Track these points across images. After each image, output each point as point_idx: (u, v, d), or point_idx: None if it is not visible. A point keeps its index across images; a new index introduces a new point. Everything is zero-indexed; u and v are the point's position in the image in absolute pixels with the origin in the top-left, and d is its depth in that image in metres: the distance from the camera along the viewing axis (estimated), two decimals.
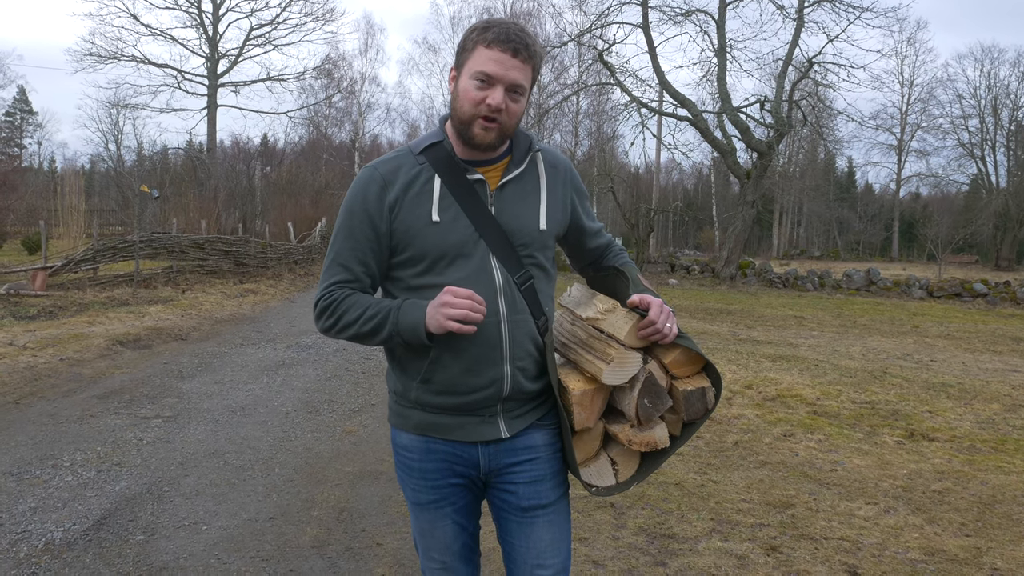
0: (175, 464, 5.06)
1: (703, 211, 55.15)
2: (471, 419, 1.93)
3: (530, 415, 1.98)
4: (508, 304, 1.89)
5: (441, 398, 1.92)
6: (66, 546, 3.75)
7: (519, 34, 1.84)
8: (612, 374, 1.83)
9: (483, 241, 1.89)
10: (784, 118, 25.88)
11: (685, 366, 1.93)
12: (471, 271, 1.88)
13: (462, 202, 1.90)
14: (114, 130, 48.03)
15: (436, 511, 2.01)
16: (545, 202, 1.99)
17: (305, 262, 23.47)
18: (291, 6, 41.68)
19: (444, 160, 1.92)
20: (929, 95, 52.04)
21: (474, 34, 1.86)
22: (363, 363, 9.03)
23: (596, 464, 1.99)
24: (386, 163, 1.95)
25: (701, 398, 1.92)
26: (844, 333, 13.69)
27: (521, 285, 1.92)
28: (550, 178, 2.02)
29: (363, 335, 1.88)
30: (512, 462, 1.97)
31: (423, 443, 1.98)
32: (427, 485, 2.00)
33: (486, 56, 1.82)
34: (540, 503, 1.98)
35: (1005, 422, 6.87)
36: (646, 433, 1.92)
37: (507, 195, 1.94)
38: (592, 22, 26.89)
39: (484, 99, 1.83)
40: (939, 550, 3.97)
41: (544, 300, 1.97)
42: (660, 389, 1.88)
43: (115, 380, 7.52)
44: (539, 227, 1.96)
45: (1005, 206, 42.92)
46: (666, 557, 3.80)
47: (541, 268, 1.98)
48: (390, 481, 4.86)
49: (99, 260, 15.24)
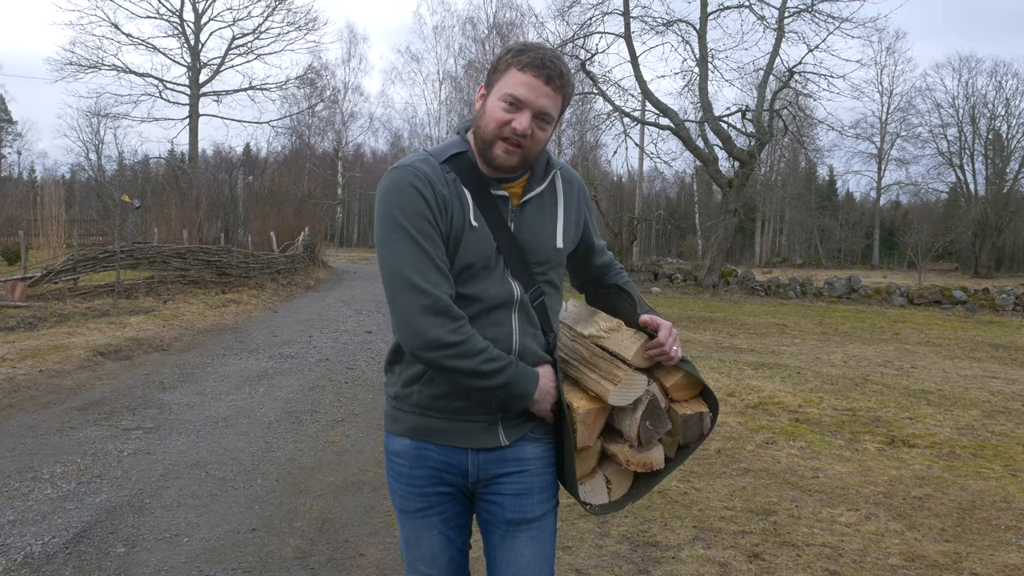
0: (156, 476, 5.02)
1: (686, 220, 55.44)
2: (471, 425, 1.93)
3: (525, 425, 1.97)
4: (521, 320, 1.90)
5: (444, 401, 1.91)
6: (45, 559, 3.71)
7: (555, 61, 1.83)
8: (619, 395, 1.83)
9: (502, 256, 1.89)
10: (765, 127, 26.08)
11: (684, 390, 1.96)
12: (492, 283, 1.88)
13: (486, 215, 1.89)
14: (95, 140, 47.91)
15: (423, 520, 2.00)
16: (562, 220, 1.99)
17: (288, 272, 23.35)
18: (273, 16, 41.41)
19: (470, 172, 1.90)
20: (908, 104, 52.58)
21: (509, 55, 1.85)
22: (346, 373, 9.00)
23: (592, 482, 2.00)
24: (419, 162, 1.87)
25: (699, 423, 1.94)
26: (826, 341, 13.79)
27: (534, 301, 1.93)
28: (567, 195, 2.02)
29: (480, 373, 1.78)
30: (500, 473, 1.96)
31: (415, 449, 1.97)
32: (415, 492, 1.99)
33: (518, 79, 1.82)
34: (525, 517, 1.97)
35: (984, 428, 6.94)
36: (644, 454, 1.92)
37: (527, 212, 1.94)
38: (575, 32, 26.98)
39: (510, 122, 1.82)
40: (919, 556, 4.00)
41: (553, 317, 1.98)
42: (662, 412, 1.89)
43: (95, 391, 7.46)
44: (556, 245, 1.96)
45: (984, 214, 43.38)
46: (649, 565, 3.81)
47: (552, 285, 1.98)
48: (373, 491, 4.84)
49: (79, 270, 15.09)
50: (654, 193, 59.21)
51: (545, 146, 1.92)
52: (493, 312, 1.87)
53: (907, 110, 51.78)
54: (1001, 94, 46.54)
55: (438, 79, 50.36)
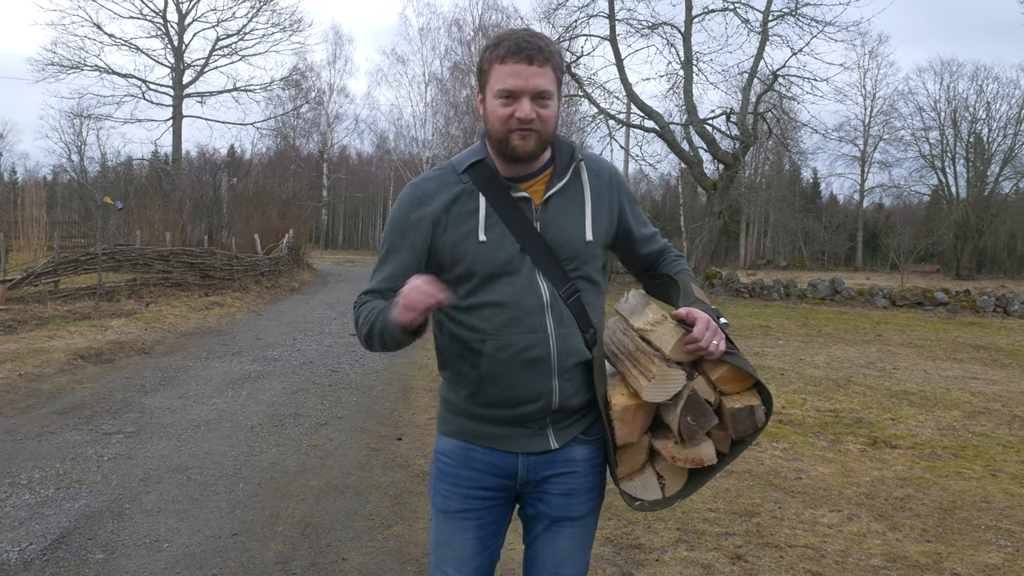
0: (136, 480, 4.98)
1: (671, 222, 55.50)
2: (520, 431, 1.94)
3: (576, 426, 1.98)
4: (555, 319, 1.89)
5: (488, 410, 1.93)
6: (22, 566, 3.67)
7: (529, 40, 1.84)
8: (653, 391, 1.79)
9: (528, 257, 1.89)
10: (750, 130, 26.18)
11: (733, 382, 1.87)
12: (518, 287, 1.88)
13: (507, 220, 1.90)
14: (77, 141, 47.43)
15: (460, 521, 2.00)
16: (590, 213, 1.97)
17: (272, 274, 23.24)
18: (258, 17, 41.17)
19: (488, 178, 1.92)
20: (891, 107, 52.69)
21: (487, 53, 1.87)
22: (330, 376, 8.96)
23: (641, 478, 1.97)
24: (428, 180, 1.96)
25: (750, 416, 1.85)
26: (809, 342, 13.86)
27: (568, 299, 1.92)
28: (594, 187, 2.00)
29: (364, 338, 1.89)
30: (549, 474, 1.98)
31: (464, 450, 1.99)
32: (458, 492, 2.00)
33: (503, 72, 1.83)
34: (570, 515, 2.00)
35: (965, 429, 6.99)
36: (691, 450, 1.87)
37: (552, 209, 1.93)
38: (560, 34, 26.99)
39: (512, 114, 1.84)
40: (901, 556, 4.02)
41: (592, 312, 1.96)
42: (704, 407, 1.83)
43: (76, 395, 7.39)
44: (585, 239, 1.95)
45: (965, 216, 43.72)
46: (633, 567, 3.81)
47: (588, 280, 1.96)
48: (356, 495, 4.82)
49: (60, 273, 14.96)
50: (639, 195, 59.31)
51: (556, 122, 1.91)
52: (525, 319, 1.87)
53: (890, 113, 52.04)
54: (982, 98, 46.89)
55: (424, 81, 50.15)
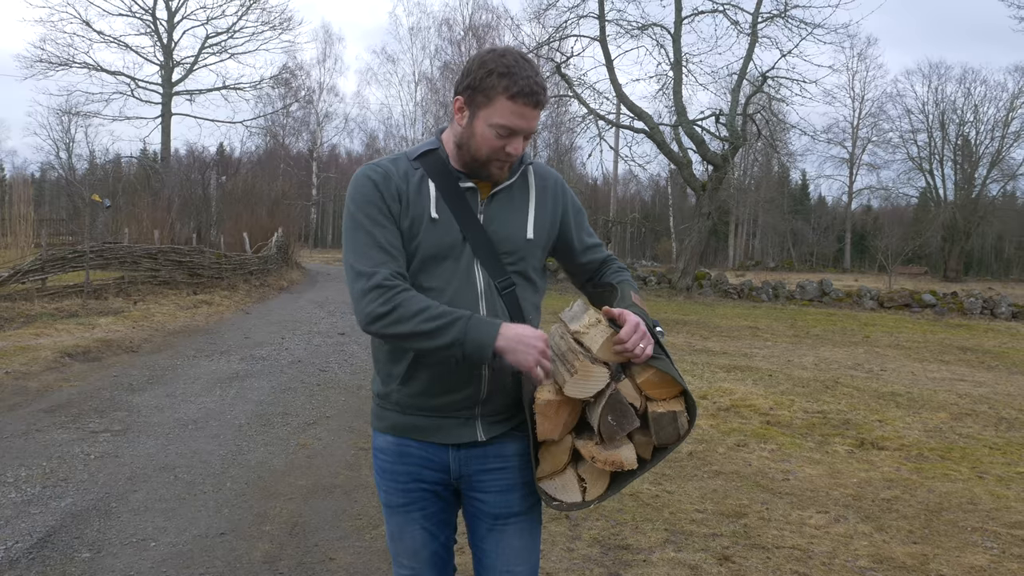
0: (123, 479, 4.95)
1: (660, 222, 55.63)
2: (448, 421, 1.97)
3: (507, 422, 2.00)
4: (489, 308, 1.93)
5: (420, 399, 1.96)
6: (8, 565, 3.64)
7: (540, 83, 1.87)
8: (575, 386, 1.80)
9: (468, 246, 1.93)
10: (739, 131, 26.26)
11: (660, 388, 1.86)
12: (456, 273, 1.92)
13: (453, 207, 1.94)
14: (65, 138, 47.13)
15: (405, 515, 2.05)
16: (533, 212, 2.03)
17: (261, 273, 23.14)
18: (248, 15, 41.11)
19: (438, 166, 1.96)
20: (879, 110, 53.04)
21: (493, 78, 1.84)
22: (318, 375, 8.94)
23: (562, 478, 1.96)
24: (386, 163, 1.97)
25: (673, 422, 1.85)
26: (797, 343, 13.91)
27: (502, 291, 1.95)
28: (539, 189, 2.06)
29: (421, 333, 1.79)
30: (482, 469, 2.01)
31: (397, 446, 2.02)
32: (398, 487, 2.04)
33: (509, 109, 1.84)
34: (512, 511, 2.03)
35: (952, 430, 7.03)
36: (611, 452, 1.86)
37: (496, 204, 1.98)
38: (550, 35, 27.05)
39: (503, 147, 1.88)
40: (887, 558, 4.04)
41: (527, 308, 2.00)
42: (626, 408, 1.82)
43: (63, 393, 7.35)
44: (526, 236, 2.00)
45: (952, 218, 44.00)
46: (620, 568, 3.82)
47: (525, 277, 2.01)
48: (344, 495, 4.81)
49: (48, 270, 14.86)
50: (629, 196, 59.42)
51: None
52: (459, 305, 1.88)
53: (878, 115, 52.28)
54: (970, 100, 47.16)
55: (414, 80, 50.20)
